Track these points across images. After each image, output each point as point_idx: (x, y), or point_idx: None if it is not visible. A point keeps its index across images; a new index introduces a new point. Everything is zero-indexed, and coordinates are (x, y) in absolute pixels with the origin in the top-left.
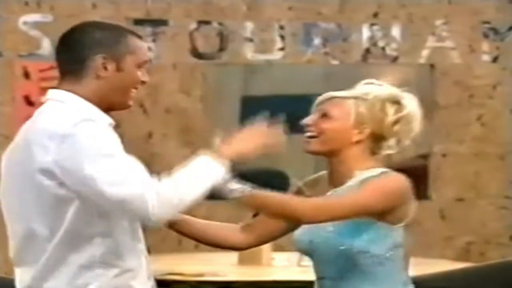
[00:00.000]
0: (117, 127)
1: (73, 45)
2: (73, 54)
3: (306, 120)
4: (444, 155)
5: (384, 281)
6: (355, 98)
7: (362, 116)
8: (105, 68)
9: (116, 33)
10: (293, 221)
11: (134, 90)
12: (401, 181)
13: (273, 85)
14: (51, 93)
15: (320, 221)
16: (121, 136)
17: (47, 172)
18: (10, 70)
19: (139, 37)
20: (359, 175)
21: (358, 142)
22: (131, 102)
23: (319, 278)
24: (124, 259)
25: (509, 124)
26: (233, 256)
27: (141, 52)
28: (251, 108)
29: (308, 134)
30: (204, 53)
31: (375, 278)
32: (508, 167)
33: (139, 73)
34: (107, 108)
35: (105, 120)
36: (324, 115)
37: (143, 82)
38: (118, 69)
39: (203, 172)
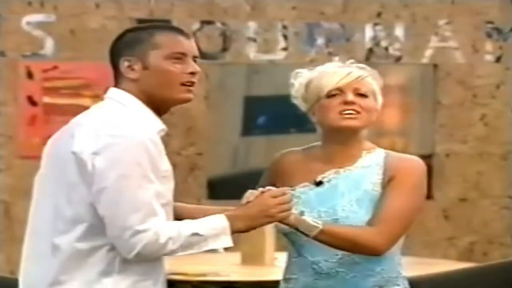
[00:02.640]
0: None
1: (111, 51)
2: (111, 59)
3: (351, 98)
4: (447, 155)
5: (386, 260)
6: (371, 75)
7: (378, 93)
8: (132, 69)
9: (142, 33)
10: (367, 255)
11: (185, 82)
12: (422, 166)
13: (276, 85)
14: (109, 91)
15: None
16: None
17: (80, 161)
18: (13, 70)
19: (173, 30)
20: (366, 156)
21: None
22: (187, 95)
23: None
24: (142, 264)
25: None
26: (236, 256)
27: (167, 45)
28: (254, 108)
29: (349, 111)
30: (207, 53)
31: (379, 257)
32: (511, 167)
33: (176, 66)
34: (161, 105)
35: (156, 126)
36: (359, 94)
37: (192, 73)
38: (144, 67)
39: (211, 240)
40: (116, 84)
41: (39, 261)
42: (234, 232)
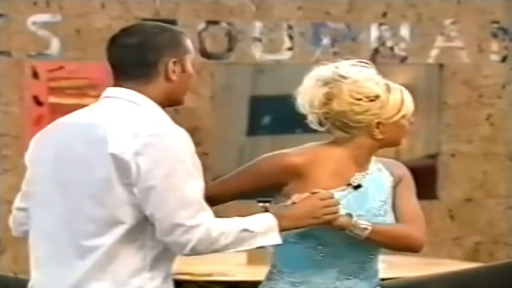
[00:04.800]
0: None
1: (138, 47)
2: (140, 57)
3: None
4: (452, 155)
5: (378, 261)
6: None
7: None
8: (174, 71)
9: (176, 34)
10: (412, 251)
11: None
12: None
13: (282, 85)
14: (116, 91)
15: None
16: None
17: (121, 162)
18: (19, 70)
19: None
20: (375, 161)
21: None
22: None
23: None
24: (168, 262)
25: None
26: (242, 256)
27: (192, 50)
28: (259, 108)
29: None
30: (213, 53)
31: (375, 258)
32: None
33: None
34: (168, 106)
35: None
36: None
37: None
38: (183, 70)
39: (260, 236)
40: (128, 79)
41: (63, 265)
42: (281, 230)
